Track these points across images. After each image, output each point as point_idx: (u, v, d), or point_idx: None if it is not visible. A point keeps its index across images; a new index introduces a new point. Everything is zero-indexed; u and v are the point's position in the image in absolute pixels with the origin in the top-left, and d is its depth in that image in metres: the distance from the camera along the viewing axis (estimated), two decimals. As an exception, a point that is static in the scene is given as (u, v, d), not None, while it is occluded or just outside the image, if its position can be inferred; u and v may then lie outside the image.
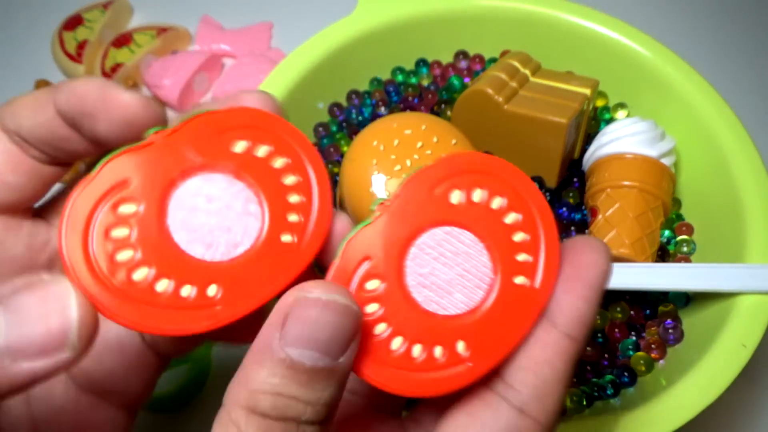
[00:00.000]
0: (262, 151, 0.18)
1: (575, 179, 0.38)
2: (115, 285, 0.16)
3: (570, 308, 0.17)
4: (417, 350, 0.17)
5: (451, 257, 0.18)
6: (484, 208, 0.18)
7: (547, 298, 0.17)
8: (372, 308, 0.17)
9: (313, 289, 0.15)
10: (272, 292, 0.17)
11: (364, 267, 0.17)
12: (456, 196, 0.18)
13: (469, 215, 0.18)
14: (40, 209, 0.22)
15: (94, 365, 0.22)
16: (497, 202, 0.18)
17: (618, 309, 0.33)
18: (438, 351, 0.17)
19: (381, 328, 0.17)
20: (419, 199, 0.18)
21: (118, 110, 0.18)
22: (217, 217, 0.17)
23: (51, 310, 0.15)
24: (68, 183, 0.22)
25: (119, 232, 0.16)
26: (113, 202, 0.16)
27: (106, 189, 0.16)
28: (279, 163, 0.18)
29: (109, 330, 0.22)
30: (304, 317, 0.15)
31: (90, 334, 0.15)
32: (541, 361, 0.17)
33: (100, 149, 0.19)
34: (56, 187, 0.21)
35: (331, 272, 0.17)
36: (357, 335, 0.16)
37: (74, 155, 0.20)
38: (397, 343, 0.17)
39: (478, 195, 0.18)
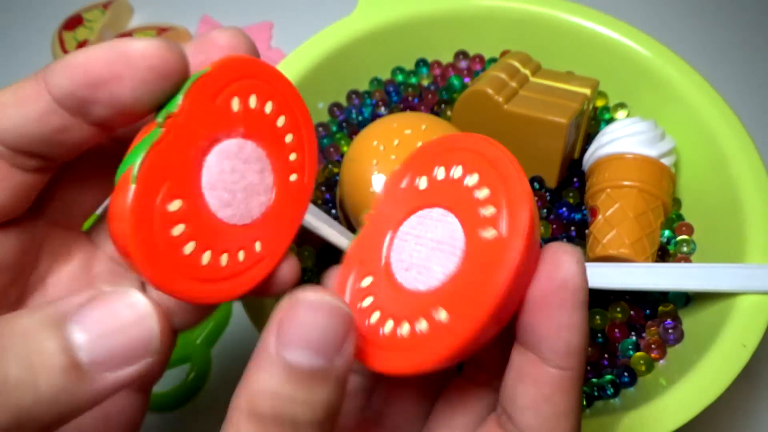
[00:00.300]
0: (253, 101, 0.18)
1: (575, 179, 0.38)
2: (192, 274, 0.17)
3: (555, 340, 0.16)
4: (405, 329, 0.17)
5: (425, 235, 0.18)
6: (449, 183, 0.18)
7: (519, 245, 0.16)
8: (368, 301, 0.19)
9: (303, 293, 0.15)
10: (294, 228, 0.19)
11: (359, 270, 0.19)
12: (423, 182, 0.19)
13: (435, 193, 0.19)
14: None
15: None
16: (458, 173, 0.18)
17: (618, 309, 0.33)
18: (423, 324, 0.17)
19: (375, 317, 0.18)
20: (394, 198, 0.19)
21: (144, 60, 0.16)
22: (244, 184, 0.18)
23: (130, 321, 0.15)
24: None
25: (177, 229, 0.17)
26: (160, 203, 0.16)
27: (152, 193, 0.16)
28: (269, 107, 0.19)
29: None
30: (295, 319, 0.15)
31: (168, 335, 0.16)
32: (540, 400, 0.16)
33: (107, 131, 0.17)
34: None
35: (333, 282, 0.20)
36: (350, 335, 0.16)
37: (72, 148, 0.18)
38: (388, 326, 0.18)
39: (441, 173, 0.19)
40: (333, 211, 0.37)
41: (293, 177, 0.19)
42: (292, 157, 0.19)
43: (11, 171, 0.17)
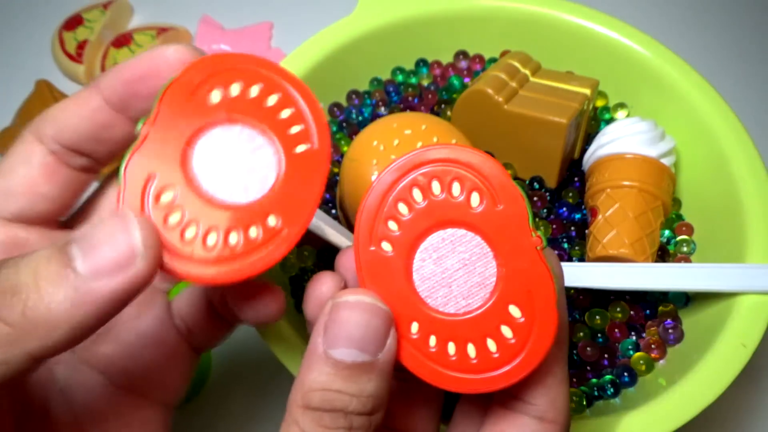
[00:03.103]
0: (235, 89, 0.19)
1: (575, 179, 0.38)
2: (200, 257, 0.18)
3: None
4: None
5: (455, 259, 0.18)
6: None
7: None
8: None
9: (343, 295, 0.17)
10: (317, 195, 0.19)
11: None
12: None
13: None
14: (66, 221, 0.23)
15: (132, 362, 0.23)
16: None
17: (618, 309, 0.33)
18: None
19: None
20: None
21: (177, 55, 0.19)
22: (236, 164, 0.19)
23: (116, 232, 0.16)
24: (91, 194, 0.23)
25: (174, 218, 0.18)
26: (153, 197, 0.18)
27: (140, 190, 0.18)
28: (255, 91, 0.19)
29: (147, 326, 0.23)
30: (338, 319, 0.17)
31: (155, 250, 0.16)
32: (544, 374, 0.18)
33: None
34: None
35: None
36: (389, 331, 0.17)
37: (113, 147, 0.20)
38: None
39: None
40: (333, 211, 0.37)
41: (301, 148, 0.19)
42: (295, 130, 0.19)
43: (62, 168, 0.20)
